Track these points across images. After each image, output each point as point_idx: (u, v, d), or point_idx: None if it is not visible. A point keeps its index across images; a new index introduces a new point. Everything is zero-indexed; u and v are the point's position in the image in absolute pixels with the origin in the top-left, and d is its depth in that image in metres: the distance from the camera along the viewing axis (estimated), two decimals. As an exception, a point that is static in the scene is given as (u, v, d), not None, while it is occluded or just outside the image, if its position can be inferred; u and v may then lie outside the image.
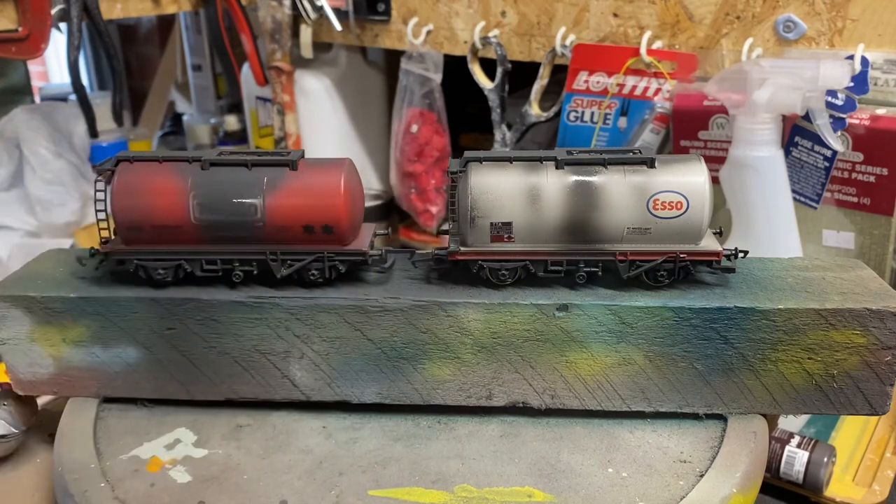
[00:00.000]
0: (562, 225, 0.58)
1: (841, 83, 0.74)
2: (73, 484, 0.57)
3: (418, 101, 1.11)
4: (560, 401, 0.61)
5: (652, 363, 0.60)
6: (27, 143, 1.17)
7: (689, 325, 0.58)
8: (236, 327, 0.61)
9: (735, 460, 0.57)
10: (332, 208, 0.59)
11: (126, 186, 0.60)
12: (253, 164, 0.60)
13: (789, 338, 0.58)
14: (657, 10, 0.87)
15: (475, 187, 0.58)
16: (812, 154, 0.80)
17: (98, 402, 0.65)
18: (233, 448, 0.61)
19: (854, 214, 0.80)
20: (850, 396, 0.59)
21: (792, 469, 0.77)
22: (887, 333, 0.57)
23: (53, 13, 0.97)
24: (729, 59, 0.84)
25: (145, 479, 0.57)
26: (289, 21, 1.15)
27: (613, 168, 0.58)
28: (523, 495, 0.55)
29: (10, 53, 0.96)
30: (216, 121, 1.51)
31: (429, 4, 1.04)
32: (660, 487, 0.55)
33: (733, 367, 0.59)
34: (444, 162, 1.14)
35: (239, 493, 0.56)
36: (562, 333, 0.59)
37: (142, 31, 1.73)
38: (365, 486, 0.56)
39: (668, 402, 0.61)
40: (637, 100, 0.89)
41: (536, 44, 0.97)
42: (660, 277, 0.60)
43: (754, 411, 0.61)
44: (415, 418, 0.63)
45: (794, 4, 0.79)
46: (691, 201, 0.57)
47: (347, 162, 0.61)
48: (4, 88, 1.47)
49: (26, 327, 0.62)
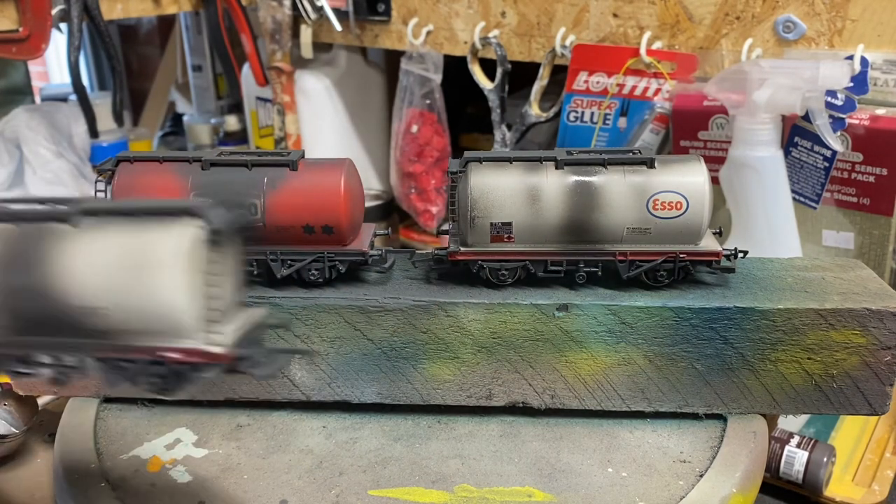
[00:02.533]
0: (562, 225, 0.58)
1: (840, 83, 0.74)
2: (73, 484, 0.57)
3: (418, 102, 1.11)
4: (560, 401, 0.61)
5: (652, 363, 0.60)
6: (27, 143, 1.17)
7: (689, 325, 0.58)
8: (236, 327, 0.61)
9: (735, 460, 0.57)
10: (332, 208, 0.59)
11: (126, 186, 0.60)
12: (253, 165, 0.60)
13: (789, 338, 0.58)
14: (657, 11, 0.87)
15: (475, 187, 0.58)
16: (812, 154, 0.80)
17: (98, 402, 0.65)
18: (233, 448, 0.61)
19: (854, 214, 0.80)
20: (849, 396, 0.59)
21: (791, 469, 0.77)
22: (887, 333, 0.57)
23: (54, 13, 0.97)
24: (729, 60, 0.84)
25: (145, 479, 0.57)
26: (289, 21, 1.15)
27: (613, 168, 0.58)
28: (523, 495, 0.55)
29: (10, 54, 0.96)
30: (216, 121, 1.51)
31: (429, 5, 1.04)
32: (659, 487, 0.55)
33: (733, 367, 0.59)
34: (444, 162, 1.14)
35: (239, 493, 0.56)
36: (562, 333, 0.59)
37: (142, 31, 1.72)
38: (365, 486, 0.56)
39: (667, 402, 0.61)
40: (637, 100, 0.89)
41: (536, 44, 0.97)
42: (659, 277, 0.60)
43: (754, 411, 0.61)
44: (415, 418, 0.63)
45: (794, 5, 0.79)
46: (691, 201, 0.57)
47: (347, 162, 0.62)
48: (5, 88, 1.47)
49: (26, 327, 0.62)
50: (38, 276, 0.39)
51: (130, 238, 0.39)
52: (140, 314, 0.39)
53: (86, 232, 0.39)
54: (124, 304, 0.38)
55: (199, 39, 1.55)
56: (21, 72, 1.50)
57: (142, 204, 0.40)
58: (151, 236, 0.38)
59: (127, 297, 0.38)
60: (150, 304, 0.38)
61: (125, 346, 0.40)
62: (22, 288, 0.39)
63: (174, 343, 0.39)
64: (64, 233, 0.40)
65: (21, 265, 0.39)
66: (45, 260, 0.39)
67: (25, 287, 0.39)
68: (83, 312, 0.39)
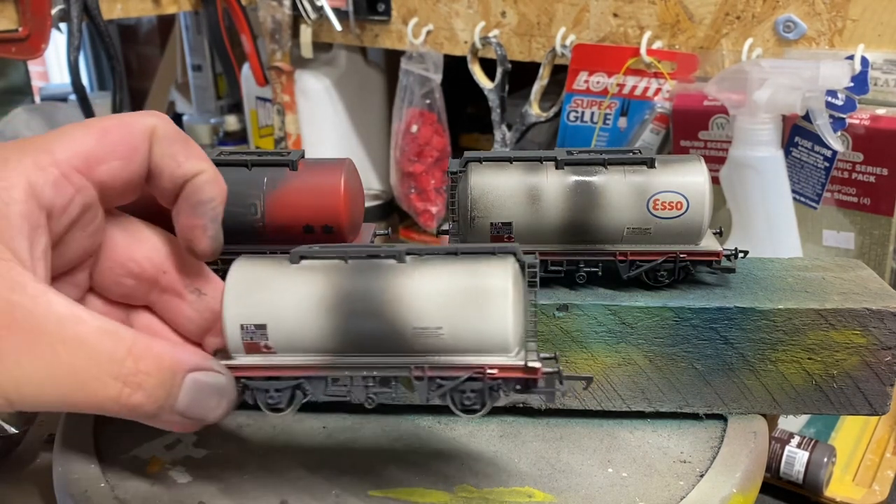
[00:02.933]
0: (562, 225, 0.58)
1: (841, 83, 0.74)
2: (73, 484, 0.57)
3: (418, 101, 1.11)
4: (560, 400, 0.61)
5: (652, 363, 0.60)
6: (27, 144, 1.17)
7: (689, 325, 0.58)
8: (236, 327, 0.61)
9: (735, 460, 0.57)
10: (332, 208, 0.59)
11: (126, 186, 0.60)
12: (253, 164, 0.60)
13: (789, 338, 0.58)
14: (657, 11, 0.87)
15: (475, 187, 0.58)
16: (812, 154, 0.80)
17: (98, 402, 0.65)
18: (233, 448, 0.61)
19: (854, 214, 0.80)
20: (849, 396, 0.59)
21: (792, 469, 0.77)
22: (887, 333, 0.57)
23: (53, 13, 0.97)
24: (729, 60, 0.84)
25: (145, 478, 0.57)
26: (289, 21, 1.15)
27: (613, 168, 0.58)
28: (523, 495, 0.55)
29: (10, 53, 0.96)
30: (216, 121, 1.51)
31: (429, 4, 1.04)
32: (660, 487, 0.55)
33: (733, 367, 0.59)
34: (444, 162, 1.14)
35: (239, 493, 0.56)
36: (562, 333, 0.59)
37: (142, 31, 1.73)
38: (365, 486, 0.56)
39: (668, 403, 0.61)
40: (637, 100, 0.89)
41: (536, 44, 0.97)
42: (660, 277, 0.60)
43: (754, 411, 0.61)
44: (415, 418, 0.63)
45: (794, 4, 0.79)
46: (691, 201, 0.57)
47: (347, 162, 0.61)
48: (4, 88, 1.47)
49: (26, 327, 0.62)
50: (376, 302, 0.44)
51: (461, 270, 0.45)
52: (471, 334, 0.44)
53: (413, 266, 0.45)
54: (458, 325, 0.44)
55: (199, 39, 1.55)
56: (21, 72, 1.50)
57: (462, 245, 0.47)
58: (480, 268, 0.45)
59: (461, 319, 0.44)
60: (481, 326, 0.44)
61: (452, 364, 0.45)
62: (359, 313, 0.44)
63: (497, 360, 0.45)
64: (394, 267, 0.46)
65: (357, 294, 0.45)
66: (382, 289, 0.45)
67: (362, 312, 0.44)
68: (417, 333, 0.44)
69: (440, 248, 0.48)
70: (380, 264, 0.46)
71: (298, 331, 0.45)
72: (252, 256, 0.48)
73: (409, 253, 0.47)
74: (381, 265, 0.46)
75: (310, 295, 0.45)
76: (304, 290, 0.45)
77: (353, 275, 0.46)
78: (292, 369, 0.47)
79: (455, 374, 0.46)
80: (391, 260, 0.46)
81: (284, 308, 0.45)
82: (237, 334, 0.45)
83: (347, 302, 0.45)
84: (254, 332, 0.45)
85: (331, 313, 0.45)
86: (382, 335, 0.45)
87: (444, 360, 0.46)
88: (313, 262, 0.47)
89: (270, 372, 0.47)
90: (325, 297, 0.45)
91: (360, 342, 0.46)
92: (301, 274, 0.46)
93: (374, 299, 0.45)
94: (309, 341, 0.46)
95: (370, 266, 0.46)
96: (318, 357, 0.46)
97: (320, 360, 0.46)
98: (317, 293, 0.45)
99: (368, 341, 0.46)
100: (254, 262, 0.48)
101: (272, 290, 0.46)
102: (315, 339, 0.46)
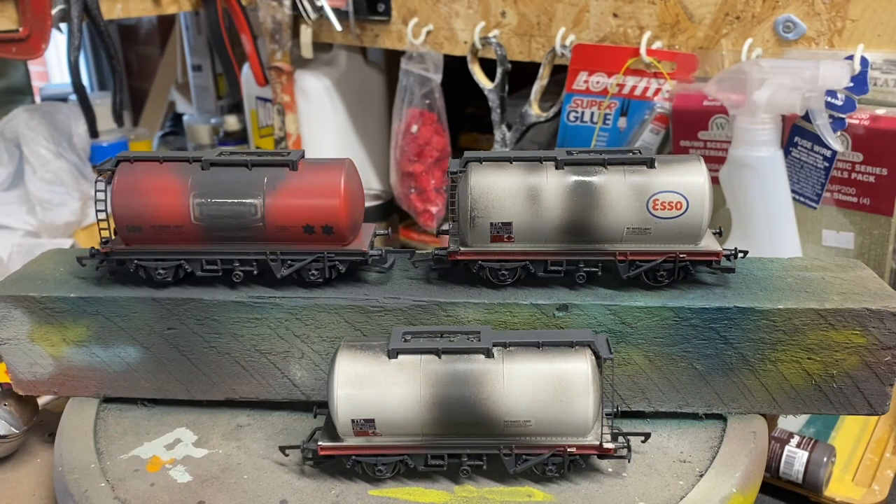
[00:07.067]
0: (562, 225, 0.58)
1: (840, 83, 0.74)
2: (73, 484, 0.57)
3: (418, 102, 1.11)
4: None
5: (652, 363, 0.60)
6: (27, 143, 1.17)
7: (689, 325, 0.58)
8: (236, 327, 0.61)
9: (735, 460, 0.57)
10: (332, 208, 0.59)
11: (126, 186, 0.60)
12: (253, 164, 0.60)
13: (789, 338, 0.58)
14: (657, 11, 0.87)
15: (475, 187, 0.58)
16: (812, 154, 0.80)
17: (98, 402, 0.65)
18: (233, 448, 0.61)
19: (854, 214, 0.80)
20: (849, 396, 0.59)
21: (791, 469, 0.77)
22: (887, 333, 0.57)
23: (54, 13, 0.97)
24: (729, 60, 0.84)
25: (145, 478, 0.57)
26: (289, 21, 1.15)
27: (613, 168, 0.58)
28: (523, 495, 0.55)
29: (10, 53, 0.96)
30: (216, 121, 1.51)
31: (429, 4, 1.04)
32: (659, 487, 0.55)
33: (733, 367, 0.59)
34: (444, 162, 1.14)
35: (239, 493, 0.56)
36: (562, 333, 0.59)
37: (142, 31, 1.73)
38: (365, 486, 0.56)
39: (667, 402, 0.61)
40: (637, 100, 0.89)
41: (536, 44, 0.97)
42: (659, 277, 0.60)
43: (754, 411, 0.61)
44: (415, 418, 0.63)
45: (794, 4, 0.79)
46: (691, 201, 0.57)
47: (347, 162, 0.62)
48: (5, 88, 1.47)
49: (26, 327, 0.62)
50: (471, 402, 0.53)
51: (545, 368, 0.53)
52: (556, 424, 0.53)
53: (502, 363, 0.53)
54: (544, 417, 0.53)
55: (199, 39, 1.55)
56: (21, 72, 1.50)
57: (545, 336, 0.54)
58: (563, 365, 0.53)
59: (547, 412, 0.53)
60: (565, 418, 0.53)
61: (538, 444, 0.54)
62: (457, 412, 0.53)
63: (577, 441, 0.54)
64: (485, 367, 0.53)
65: (454, 397, 0.53)
66: (476, 391, 0.53)
67: (460, 412, 0.53)
68: (508, 425, 0.53)
69: (523, 338, 0.53)
70: (471, 360, 0.53)
71: (402, 421, 0.53)
72: (351, 347, 0.55)
73: (496, 345, 0.53)
74: (473, 362, 0.53)
75: (411, 395, 0.53)
76: (405, 391, 0.53)
77: (449, 377, 0.53)
78: (397, 448, 0.55)
79: (539, 452, 0.54)
80: (480, 356, 0.53)
81: (388, 405, 0.53)
82: (349, 426, 0.54)
83: (446, 402, 0.53)
84: (363, 424, 0.53)
85: (431, 411, 0.53)
86: (477, 426, 0.53)
87: (529, 441, 0.54)
88: (409, 357, 0.54)
89: (379, 451, 0.55)
90: (424, 397, 0.52)
91: (457, 430, 0.54)
92: (400, 372, 0.53)
93: (470, 399, 0.52)
94: (410, 428, 0.54)
95: (462, 362, 0.53)
96: (419, 438, 0.54)
97: (420, 441, 0.54)
98: (416, 393, 0.53)
99: (464, 429, 0.54)
100: (356, 357, 0.54)
101: (376, 388, 0.53)
102: (416, 427, 0.54)
